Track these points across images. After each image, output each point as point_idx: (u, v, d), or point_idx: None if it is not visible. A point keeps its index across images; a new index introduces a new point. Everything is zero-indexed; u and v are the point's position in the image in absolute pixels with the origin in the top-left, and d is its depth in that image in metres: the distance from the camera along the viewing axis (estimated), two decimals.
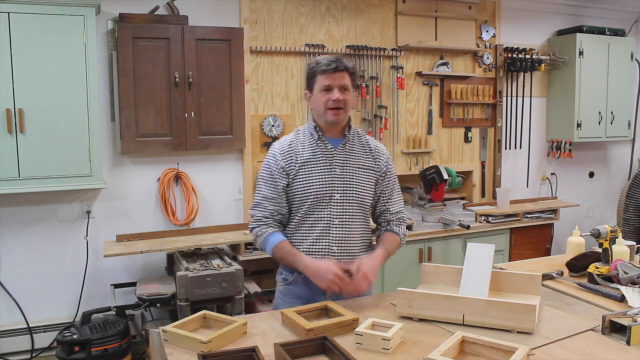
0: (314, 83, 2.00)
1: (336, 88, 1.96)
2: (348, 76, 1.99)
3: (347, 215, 2.02)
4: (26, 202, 3.37)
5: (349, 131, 2.06)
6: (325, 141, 2.03)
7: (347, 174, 2.02)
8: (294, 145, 2.05)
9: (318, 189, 1.99)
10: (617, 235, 2.30)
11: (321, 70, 1.97)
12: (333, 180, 2.00)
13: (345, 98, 1.97)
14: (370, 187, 2.07)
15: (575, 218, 4.94)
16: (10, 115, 3.01)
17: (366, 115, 4.19)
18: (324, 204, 1.99)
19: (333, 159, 2.02)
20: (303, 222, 2.02)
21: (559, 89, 4.88)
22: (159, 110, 3.46)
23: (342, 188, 2.00)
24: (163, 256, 3.59)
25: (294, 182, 2.01)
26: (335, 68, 1.95)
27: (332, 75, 1.95)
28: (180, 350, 1.60)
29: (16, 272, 3.39)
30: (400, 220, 2.15)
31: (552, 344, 1.60)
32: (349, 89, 1.99)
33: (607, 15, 5.14)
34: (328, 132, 2.04)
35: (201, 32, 3.51)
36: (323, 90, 1.97)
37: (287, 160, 2.02)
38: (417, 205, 4.16)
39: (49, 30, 3.05)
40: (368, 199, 2.07)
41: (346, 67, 1.98)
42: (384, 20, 4.23)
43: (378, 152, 2.11)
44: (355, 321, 1.71)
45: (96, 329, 3.08)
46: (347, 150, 2.05)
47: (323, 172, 2.00)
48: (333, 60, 1.96)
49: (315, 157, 2.02)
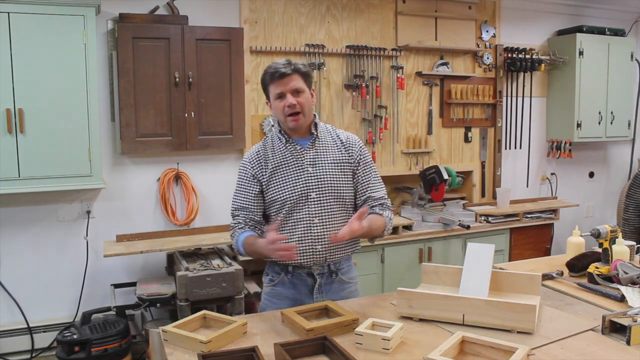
0: (269, 92, 2.00)
1: (288, 93, 1.94)
2: (299, 77, 1.96)
3: (326, 213, 2.00)
4: (26, 202, 3.37)
5: (316, 129, 2.04)
6: (294, 143, 2.03)
7: (320, 171, 2.00)
8: (262, 152, 2.06)
9: (293, 190, 1.98)
10: (617, 235, 2.30)
11: (270, 79, 1.96)
12: (307, 180, 1.99)
13: (300, 101, 1.95)
14: (347, 181, 2.04)
15: (575, 218, 4.94)
16: (10, 115, 3.01)
17: (366, 115, 4.19)
18: (301, 204, 1.99)
19: (304, 158, 2.01)
20: (284, 224, 2.01)
21: (559, 89, 4.88)
22: (159, 110, 3.46)
23: (318, 186, 1.99)
24: (163, 256, 3.59)
25: (269, 187, 2.02)
26: (282, 74, 1.93)
27: (282, 82, 1.93)
28: (180, 350, 1.60)
29: (16, 272, 3.40)
30: (383, 205, 2.09)
31: (552, 344, 1.60)
32: (304, 90, 1.97)
33: (607, 15, 5.14)
34: (294, 134, 2.04)
35: (201, 32, 3.51)
36: (277, 99, 1.97)
37: (256, 167, 2.04)
38: (417, 205, 4.16)
39: (49, 30, 3.05)
40: (347, 193, 2.04)
41: (295, 69, 1.95)
42: (384, 20, 4.23)
43: (349, 143, 2.08)
44: (355, 321, 1.71)
45: (96, 329, 3.08)
46: (317, 148, 2.03)
47: (296, 173, 2.00)
48: (281, 66, 1.94)
49: (286, 160, 2.02)
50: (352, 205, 2.09)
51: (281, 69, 1.93)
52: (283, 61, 1.97)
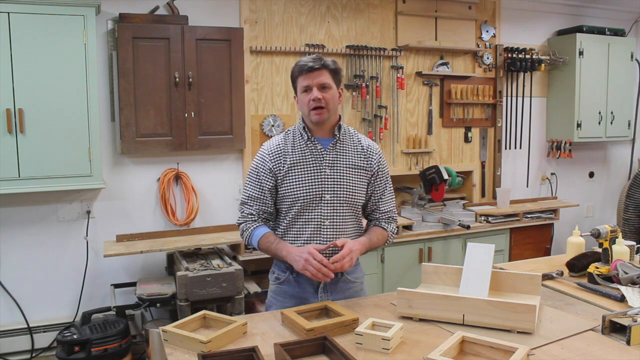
0: (297, 86, 2.01)
1: (315, 87, 1.95)
2: (328, 73, 1.97)
3: (337, 216, 2.01)
4: (26, 202, 3.37)
5: (339, 131, 2.04)
6: (315, 142, 2.02)
7: (337, 174, 2.01)
8: (282, 146, 2.04)
9: (308, 189, 1.99)
10: (617, 235, 2.30)
11: (299, 72, 1.98)
12: (323, 181, 1.99)
13: (325, 96, 1.96)
14: (361, 187, 2.05)
15: (575, 218, 4.95)
16: (10, 115, 3.01)
17: (366, 115, 4.19)
18: (314, 204, 1.99)
19: (323, 159, 2.01)
20: (294, 223, 2.02)
21: (559, 89, 4.88)
22: (159, 110, 3.46)
23: (332, 188, 1.99)
24: (163, 256, 3.60)
25: (283, 183, 2.01)
26: (311, 68, 1.94)
27: (310, 75, 1.95)
28: (180, 350, 1.60)
29: (16, 272, 3.39)
30: (389, 218, 2.13)
31: (552, 344, 1.60)
32: (331, 87, 1.98)
33: (607, 15, 5.14)
34: (317, 132, 2.04)
35: (201, 32, 3.51)
36: (304, 92, 1.98)
37: (275, 161, 2.02)
38: (417, 205, 4.16)
39: (49, 30, 3.05)
40: (359, 199, 2.05)
41: (324, 65, 1.96)
42: (384, 20, 4.23)
43: (370, 151, 2.09)
44: (355, 321, 1.71)
45: (96, 329, 3.08)
46: (338, 150, 2.03)
47: (313, 173, 2.00)
48: (310, 60, 1.96)
49: (305, 158, 2.01)
50: (361, 211, 2.11)
51: (310, 63, 1.95)
52: (313, 56, 1.99)
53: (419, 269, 2.22)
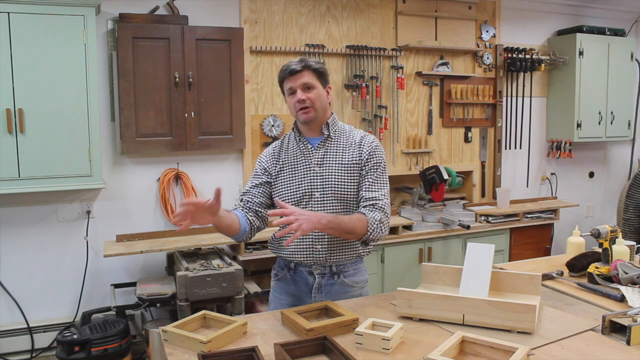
0: (284, 90, 2.05)
1: (299, 89, 1.98)
2: (311, 74, 1.99)
3: (329, 213, 1.99)
4: (26, 202, 3.37)
5: (328, 128, 2.06)
6: (306, 141, 2.07)
7: (326, 171, 2.02)
8: (278, 148, 2.13)
9: (297, 188, 2.02)
10: (617, 235, 2.29)
11: (283, 76, 2.02)
12: (312, 179, 2.02)
13: (310, 96, 1.98)
14: (352, 183, 2.02)
15: (575, 218, 4.95)
16: (10, 115, 3.01)
17: (366, 115, 4.19)
18: (304, 202, 2.01)
19: (312, 157, 2.04)
20: None
21: (559, 89, 4.88)
22: (159, 110, 3.46)
23: (322, 186, 2.01)
24: (163, 256, 3.60)
25: (276, 182, 2.07)
26: (293, 70, 1.97)
27: (293, 78, 1.98)
28: (180, 350, 1.60)
29: (16, 272, 3.39)
30: (372, 205, 1.99)
31: (552, 344, 1.60)
32: (315, 86, 1.99)
33: (607, 15, 5.14)
34: (307, 132, 2.08)
35: (201, 32, 3.51)
36: (290, 95, 2.01)
37: (270, 161, 2.11)
38: (417, 205, 4.16)
39: (49, 30, 3.05)
40: (351, 195, 2.03)
41: (306, 66, 1.98)
42: (384, 20, 4.23)
43: (363, 142, 2.07)
44: (355, 321, 1.71)
45: (96, 329, 3.08)
46: (327, 148, 2.05)
47: (302, 171, 2.03)
48: (293, 63, 1.99)
49: (296, 158, 2.06)
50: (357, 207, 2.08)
51: (292, 66, 1.98)
52: (298, 59, 2.02)
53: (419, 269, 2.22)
